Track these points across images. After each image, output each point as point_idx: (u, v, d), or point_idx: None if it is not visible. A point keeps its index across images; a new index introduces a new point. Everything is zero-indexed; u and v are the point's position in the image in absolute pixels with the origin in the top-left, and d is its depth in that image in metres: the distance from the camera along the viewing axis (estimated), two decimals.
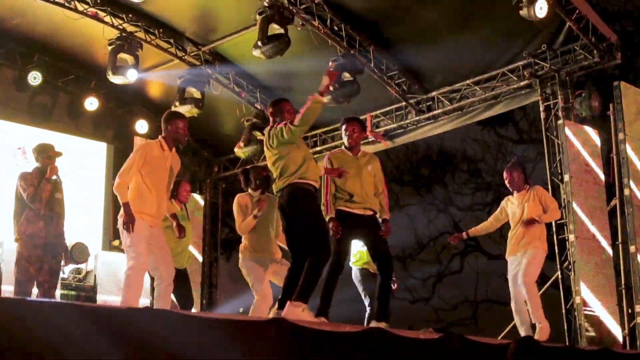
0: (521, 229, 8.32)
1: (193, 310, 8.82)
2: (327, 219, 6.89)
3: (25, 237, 7.60)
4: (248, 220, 7.83)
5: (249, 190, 8.14)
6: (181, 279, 8.04)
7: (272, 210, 7.90)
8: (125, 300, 6.45)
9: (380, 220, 7.19)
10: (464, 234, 8.99)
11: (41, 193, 7.66)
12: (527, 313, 8.26)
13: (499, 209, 8.71)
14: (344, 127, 7.36)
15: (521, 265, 8.26)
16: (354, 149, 7.27)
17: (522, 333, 8.20)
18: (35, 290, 7.77)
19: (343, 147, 7.39)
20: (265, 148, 6.82)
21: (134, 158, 6.63)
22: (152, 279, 6.94)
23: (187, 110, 12.57)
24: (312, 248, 6.48)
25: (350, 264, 9.35)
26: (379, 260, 7.03)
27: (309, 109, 6.50)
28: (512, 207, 8.49)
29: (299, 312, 6.22)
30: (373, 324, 6.77)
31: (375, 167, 7.25)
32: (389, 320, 6.97)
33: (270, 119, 6.86)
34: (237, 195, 8.19)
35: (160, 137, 6.87)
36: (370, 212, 7.09)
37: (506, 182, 8.54)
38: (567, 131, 10.81)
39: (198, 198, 14.37)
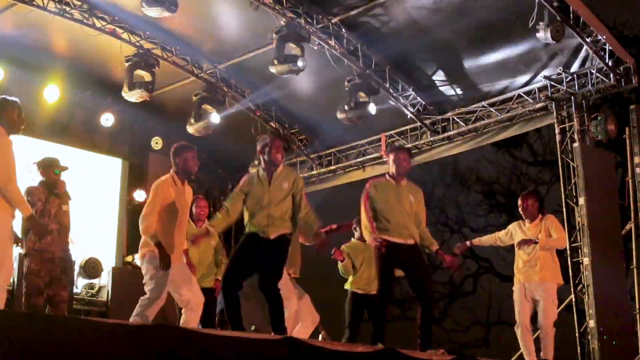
0: (534, 259, 8.22)
1: None
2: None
3: (33, 251, 7.59)
4: None
5: None
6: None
7: None
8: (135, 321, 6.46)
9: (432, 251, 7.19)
10: (467, 242, 8.94)
11: (50, 208, 7.66)
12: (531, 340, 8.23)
13: (506, 230, 8.62)
14: (392, 156, 7.31)
15: (539, 305, 8.16)
16: (398, 178, 7.22)
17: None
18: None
19: (387, 175, 7.31)
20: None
21: (153, 201, 6.68)
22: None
23: (201, 127, 12.62)
24: None
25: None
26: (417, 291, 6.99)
27: None
28: (523, 235, 8.35)
29: None
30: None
31: (417, 198, 7.22)
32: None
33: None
34: None
35: (171, 171, 6.88)
36: (411, 241, 7.05)
37: (520, 209, 8.40)
38: (583, 154, 10.77)
39: None
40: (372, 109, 12.00)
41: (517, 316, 8.28)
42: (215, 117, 12.86)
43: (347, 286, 9.12)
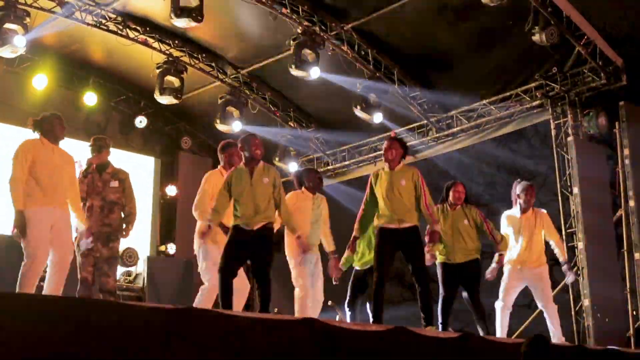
0: (533, 244, 7.96)
1: None
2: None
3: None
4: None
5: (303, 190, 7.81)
6: None
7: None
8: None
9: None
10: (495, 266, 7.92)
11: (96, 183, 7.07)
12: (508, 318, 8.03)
13: (506, 225, 8.02)
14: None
15: (537, 289, 7.87)
16: (391, 165, 6.97)
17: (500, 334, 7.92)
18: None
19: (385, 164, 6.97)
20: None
21: (203, 189, 6.76)
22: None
23: (226, 128, 12.64)
24: None
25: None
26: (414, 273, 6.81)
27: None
28: (520, 224, 7.92)
29: None
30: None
31: (408, 178, 6.76)
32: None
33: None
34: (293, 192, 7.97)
35: (219, 167, 6.95)
36: (406, 225, 6.68)
37: (523, 200, 7.97)
38: (576, 148, 10.72)
39: None
40: (377, 117, 12.10)
41: (504, 295, 7.93)
42: (237, 125, 12.79)
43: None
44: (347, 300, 8.09)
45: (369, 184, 6.87)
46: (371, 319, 6.72)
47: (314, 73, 11.27)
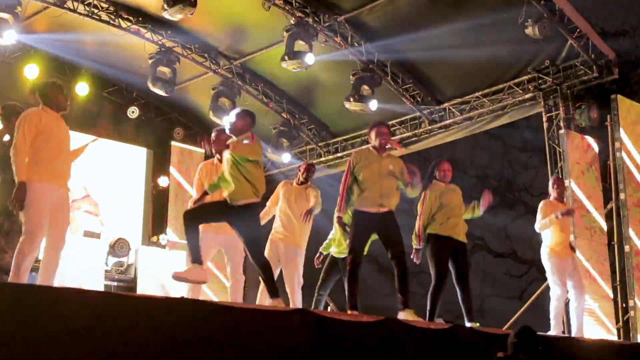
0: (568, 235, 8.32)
1: None
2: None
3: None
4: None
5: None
6: None
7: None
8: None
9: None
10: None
11: None
12: None
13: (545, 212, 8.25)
14: (374, 130, 6.94)
15: (575, 279, 8.19)
16: (380, 150, 6.98)
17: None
18: None
19: (371, 147, 6.94)
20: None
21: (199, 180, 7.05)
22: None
23: (218, 119, 12.64)
24: None
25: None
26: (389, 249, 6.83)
27: None
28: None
29: None
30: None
31: (396, 165, 6.84)
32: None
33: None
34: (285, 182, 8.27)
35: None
36: (385, 209, 6.70)
37: (557, 192, 8.33)
38: (568, 140, 10.78)
39: None
40: (373, 105, 12.03)
41: (563, 288, 8.13)
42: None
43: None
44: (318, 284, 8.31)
45: (351, 164, 6.85)
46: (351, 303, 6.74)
47: (309, 59, 11.22)
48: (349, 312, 6.44)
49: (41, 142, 5.90)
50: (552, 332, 8.05)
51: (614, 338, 10.15)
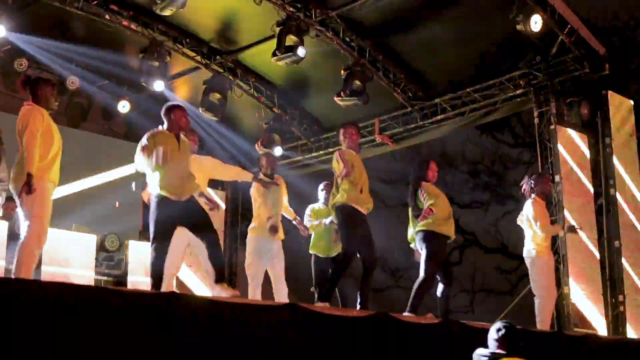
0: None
1: None
2: None
3: None
4: None
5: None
6: None
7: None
8: None
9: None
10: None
11: None
12: None
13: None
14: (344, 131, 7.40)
15: None
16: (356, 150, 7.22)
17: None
18: None
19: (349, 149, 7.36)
20: None
21: None
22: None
23: (210, 114, 12.65)
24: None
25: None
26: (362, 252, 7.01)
27: None
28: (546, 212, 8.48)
29: None
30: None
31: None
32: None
33: None
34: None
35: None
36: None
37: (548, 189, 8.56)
38: (559, 136, 10.81)
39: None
40: (363, 100, 12.05)
41: (551, 290, 8.28)
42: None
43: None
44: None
45: (349, 161, 6.98)
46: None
47: (301, 54, 11.19)
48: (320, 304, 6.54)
49: (44, 142, 6.00)
50: (539, 327, 8.10)
51: (604, 333, 10.20)
